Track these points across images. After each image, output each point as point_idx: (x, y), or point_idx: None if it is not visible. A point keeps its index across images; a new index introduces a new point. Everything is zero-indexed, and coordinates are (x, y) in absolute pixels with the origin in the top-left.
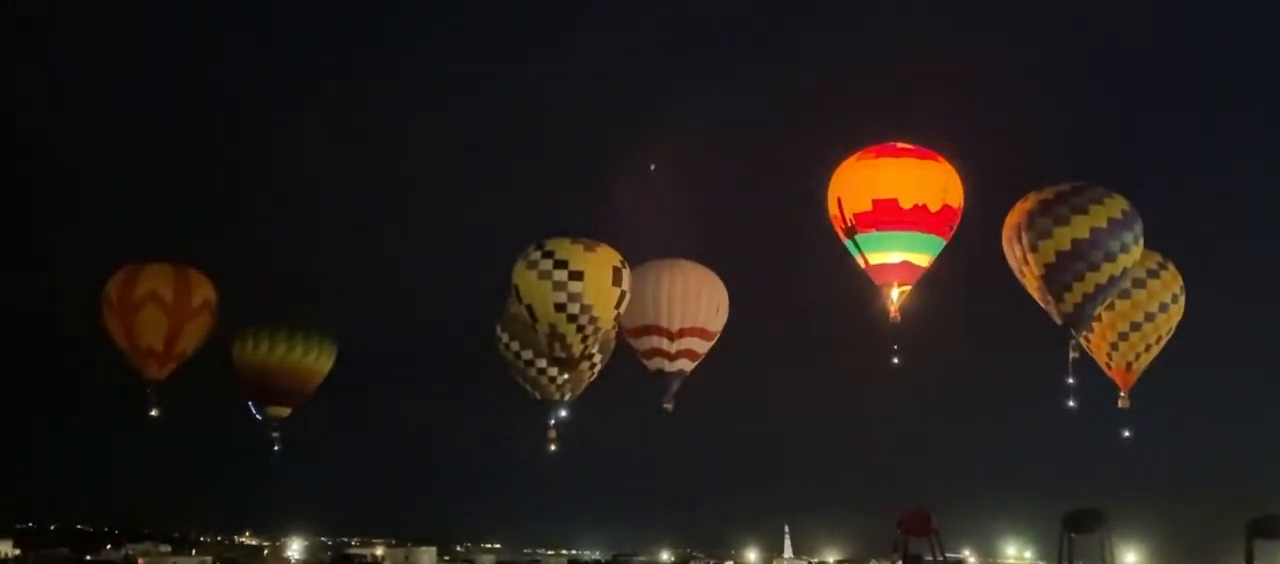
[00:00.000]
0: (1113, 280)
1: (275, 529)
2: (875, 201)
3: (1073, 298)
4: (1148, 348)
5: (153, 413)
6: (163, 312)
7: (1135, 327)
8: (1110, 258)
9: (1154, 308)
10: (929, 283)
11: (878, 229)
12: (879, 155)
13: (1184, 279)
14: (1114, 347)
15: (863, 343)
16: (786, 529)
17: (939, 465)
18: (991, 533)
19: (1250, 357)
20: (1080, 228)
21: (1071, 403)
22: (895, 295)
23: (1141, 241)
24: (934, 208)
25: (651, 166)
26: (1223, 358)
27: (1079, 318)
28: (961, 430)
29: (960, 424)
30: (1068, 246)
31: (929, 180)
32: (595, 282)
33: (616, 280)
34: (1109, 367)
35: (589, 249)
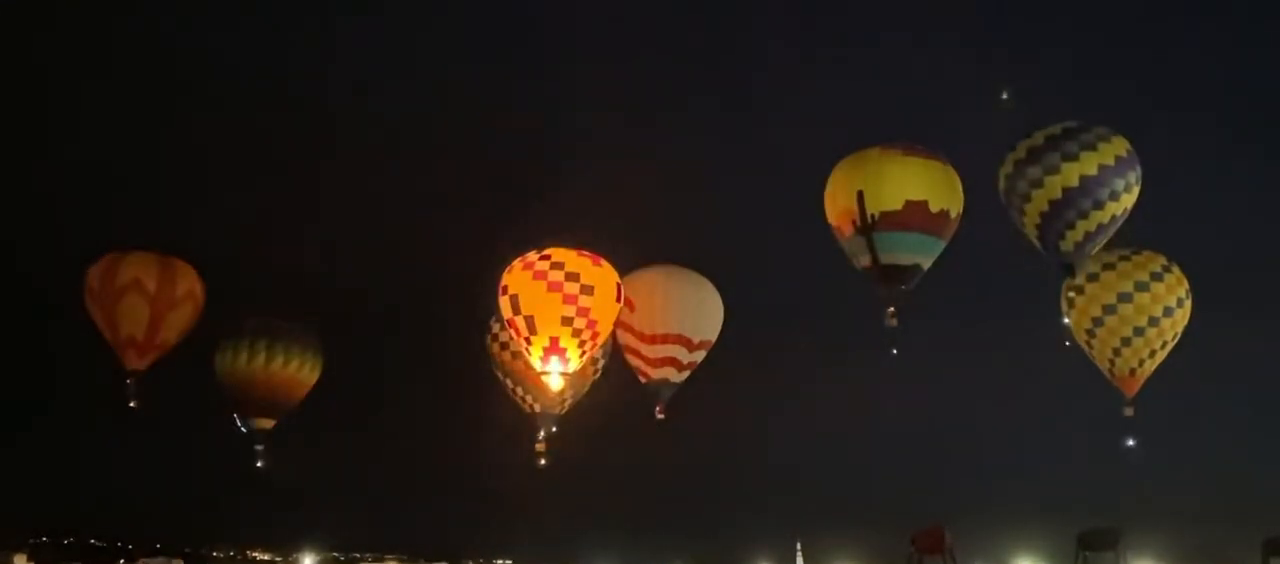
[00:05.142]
0: (1114, 220)
1: (287, 544)
2: (907, 203)
3: (1074, 236)
4: (1152, 354)
5: (132, 405)
6: (144, 300)
7: (1139, 331)
8: (1115, 197)
9: (1158, 312)
10: (933, 289)
11: (902, 230)
12: (907, 153)
13: (1190, 282)
14: (1117, 352)
15: (873, 350)
16: (799, 546)
17: (953, 480)
18: (1006, 551)
19: (1264, 364)
20: (1088, 164)
21: (1068, 343)
22: (896, 298)
23: (1140, 185)
24: (954, 214)
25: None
26: (1235, 366)
27: (1079, 256)
28: (975, 443)
29: (974, 437)
30: (1075, 183)
31: (950, 185)
32: (603, 298)
33: (618, 297)
34: (1112, 373)
35: (596, 264)
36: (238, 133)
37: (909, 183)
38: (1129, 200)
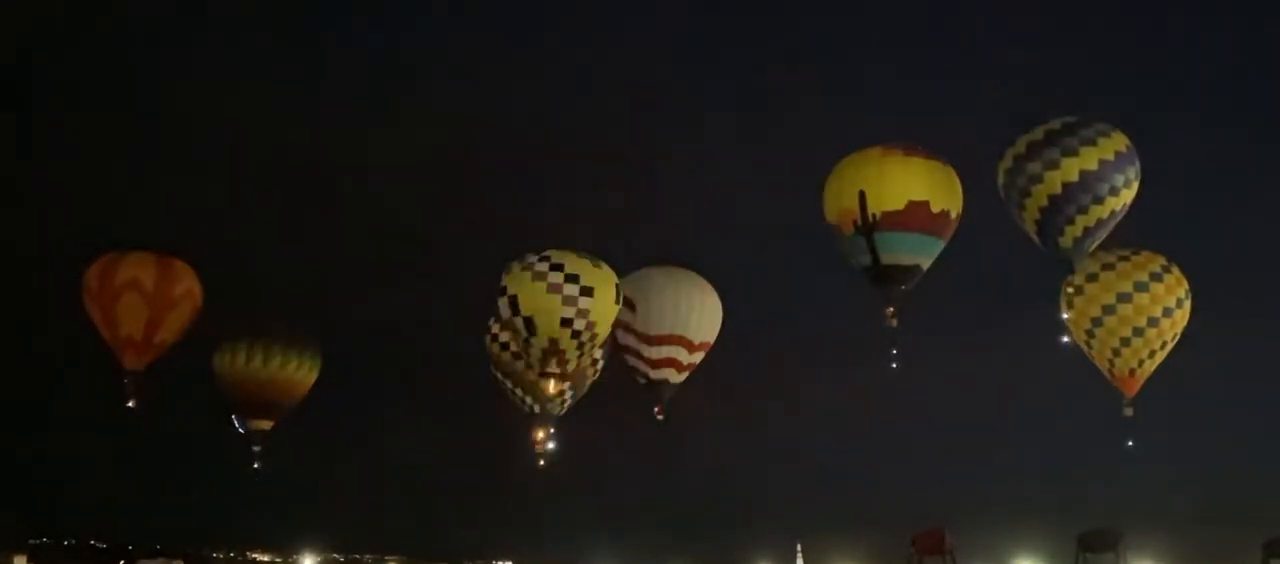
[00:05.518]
0: (1113, 215)
1: (287, 545)
2: (910, 203)
3: (1074, 231)
4: (1151, 354)
5: (130, 405)
6: (143, 300)
7: (1138, 332)
8: (1114, 192)
9: (1157, 312)
10: (933, 291)
11: (903, 230)
12: (909, 153)
13: (1190, 283)
14: (1116, 352)
15: (873, 351)
16: (799, 547)
17: (953, 481)
18: (1006, 552)
19: (1264, 364)
20: (1088, 159)
21: (1065, 339)
22: (896, 299)
23: (1139, 181)
24: (954, 215)
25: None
26: (1234, 366)
27: (1078, 251)
28: (975, 445)
29: (974, 438)
30: (1075, 178)
31: (951, 186)
32: (603, 300)
33: (617, 298)
34: (1111, 373)
35: (595, 265)
36: (235, 134)
37: (911, 183)
38: (1128, 195)
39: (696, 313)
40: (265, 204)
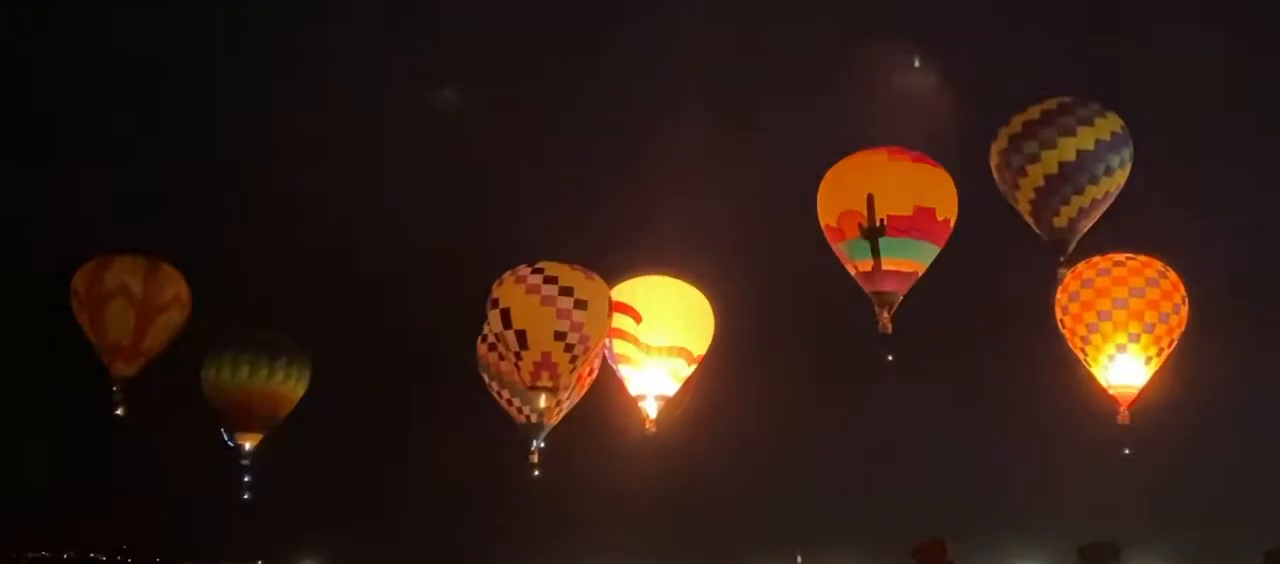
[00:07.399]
0: (1107, 195)
1: (288, 555)
2: (917, 208)
3: (1069, 212)
4: (1148, 361)
5: (118, 412)
6: (131, 305)
7: (1134, 338)
8: (1109, 173)
9: (1153, 318)
10: (931, 296)
11: (908, 236)
12: (917, 161)
13: (1188, 287)
14: (1112, 359)
15: (873, 359)
16: (799, 558)
17: (953, 492)
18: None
19: (1264, 370)
20: (1085, 140)
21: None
22: (891, 304)
23: (1131, 164)
24: (952, 223)
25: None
26: (1234, 372)
27: (1072, 232)
28: (976, 455)
29: (974, 448)
30: (1073, 157)
31: (951, 194)
32: (596, 313)
33: (611, 311)
34: (1109, 381)
35: (588, 277)
36: (227, 134)
37: (921, 189)
38: (1121, 177)
39: (695, 324)
40: (256, 208)
